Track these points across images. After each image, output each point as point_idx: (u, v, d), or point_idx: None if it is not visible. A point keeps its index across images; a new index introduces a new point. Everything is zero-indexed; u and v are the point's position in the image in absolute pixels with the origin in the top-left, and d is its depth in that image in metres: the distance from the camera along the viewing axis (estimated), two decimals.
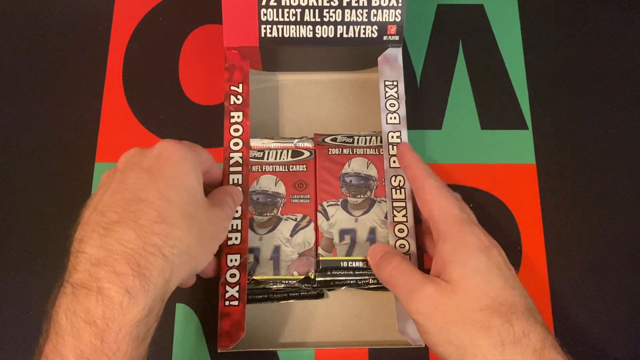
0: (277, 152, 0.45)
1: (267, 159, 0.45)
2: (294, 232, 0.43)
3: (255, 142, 0.46)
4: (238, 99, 0.45)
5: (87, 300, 0.30)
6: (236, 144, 0.44)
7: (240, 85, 0.46)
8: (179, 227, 0.33)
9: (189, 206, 0.34)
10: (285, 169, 0.45)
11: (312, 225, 0.43)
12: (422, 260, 0.46)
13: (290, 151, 0.46)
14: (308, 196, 0.44)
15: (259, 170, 0.45)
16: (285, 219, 0.44)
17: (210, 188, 0.42)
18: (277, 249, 0.43)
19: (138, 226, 0.32)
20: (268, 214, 0.44)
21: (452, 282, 0.35)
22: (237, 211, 0.42)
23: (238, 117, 0.45)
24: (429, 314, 0.34)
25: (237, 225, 0.42)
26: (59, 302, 0.31)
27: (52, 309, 0.31)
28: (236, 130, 0.44)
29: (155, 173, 0.34)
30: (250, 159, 0.45)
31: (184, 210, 0.34)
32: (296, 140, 0.46)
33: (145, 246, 0.31)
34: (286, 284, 0.42)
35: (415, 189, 0.40)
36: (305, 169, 0.45)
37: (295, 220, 0.44)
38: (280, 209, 0.44)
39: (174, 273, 0.33)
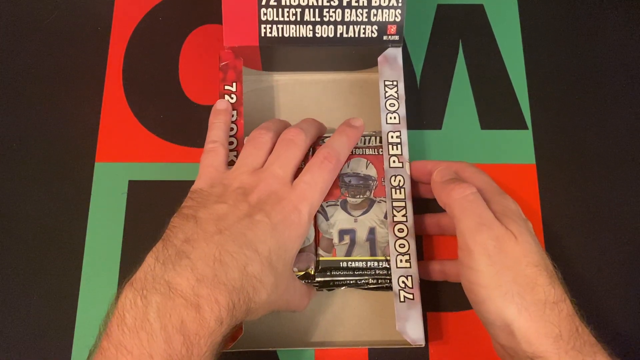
0: None
1: None
2: None
3: None
4: (232, 98, 0.45)
5: (185, 312, 0.31)
6: (231, 143, 0.44)
7: (234, 84, 0.46)
8: (265, 288, 0.35)
9: (282, 273, 0.37)
10: None
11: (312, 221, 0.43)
12: (422, 258, 0.46)
13: None
14: None
15: None
16: None
17: None
18: None
19: (243, 271, 0.34)
20: None
21: (513, 235, 0.36)
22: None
23: (232, 116, 0.45)
24: (491, 252, 0.35)
25: None
26: (151, 297, 0.31)
27: (138, 298, 0.32)
28: (231, 129, 0.44)
29: (276, 234, 0.36)
30: None
31: (277, 280, 0.36)
32: None
33: (242, 291, 0.33)
34: None
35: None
36: (303, 166, 0.45)
37: None
38: None
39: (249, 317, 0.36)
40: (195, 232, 0.35)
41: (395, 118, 0.45)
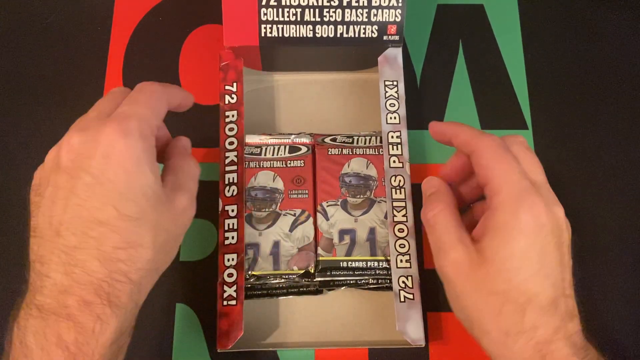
0: (274, 148, 0.45)
1: (265, 155, 0.45)
2: (293, 227, 0.43)
3: (252, 139, 0.46)
4: (232, 98, 0.45)
5: (58, 325, 0.30)
6: (231, 143, 0.44)
7: (235, 84, 0.46)
8: (144, 246, 0.32)
9: (151, 214, 0.32)
10: (282, 164, 0.45)
11: (311, 220, 0.43)
12: (422, 258, 0.46)
13: (287, 147, 0.46)
14: (306, 191, 0.44)
15: (257, 166, 0.45)
16: (284, 214, 0.44)
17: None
18: (276, 244, 0.43)
19: (101, 253, 0.31)
20: (267, 210, 0.44)
21: (482, 257, 0.33)
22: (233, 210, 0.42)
23: (233, 116, 0.45)
24: (450, 277, 0.35)
25: (233, 224, 0.42)
26: (26, 323, 0.30)
27: (17, 328, 0.31)
28: (231, 129, 0.45)
29: (108, 184, 0.31)
30: (248, 155, 0.45)
31: (147, 222, 0.32)
32: (293, 135, 0.46)
33: (112, 274, 0.31)
34: (286, 278, 0.42)
35: (469, 155, 0.36)
36: (302, 164, 0.45)
37: (294, 215, 0.43)
38: (278, 204, 0.44)
39: (142, 291, 0.33)
40: (41, 247, 0.32)
41: (395, 118, 0.45)
